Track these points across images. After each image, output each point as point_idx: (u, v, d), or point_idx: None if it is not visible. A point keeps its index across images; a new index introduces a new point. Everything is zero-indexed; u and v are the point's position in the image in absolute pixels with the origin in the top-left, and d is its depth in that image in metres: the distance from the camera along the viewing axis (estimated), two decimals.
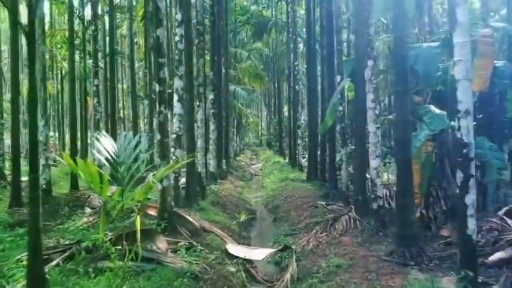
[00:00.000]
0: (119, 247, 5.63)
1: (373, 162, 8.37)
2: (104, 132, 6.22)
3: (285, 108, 39.67)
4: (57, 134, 32.28)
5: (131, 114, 19.74)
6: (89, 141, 17.66)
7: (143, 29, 21.82)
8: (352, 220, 9.31)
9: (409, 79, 6.87)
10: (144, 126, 23.14)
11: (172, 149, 8.41)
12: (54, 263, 5.25)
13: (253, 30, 29.08)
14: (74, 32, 13.76)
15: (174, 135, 8.38)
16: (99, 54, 29.36)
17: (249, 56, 28.35)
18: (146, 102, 21.87)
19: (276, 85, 37.61)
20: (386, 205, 11.79)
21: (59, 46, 30.51)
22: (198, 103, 11.55)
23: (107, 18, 21.05)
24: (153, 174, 5.24)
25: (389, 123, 9.67)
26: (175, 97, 8.46)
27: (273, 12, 32.27)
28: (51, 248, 6.02)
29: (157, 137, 7.21)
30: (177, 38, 8.66)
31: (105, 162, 5.45)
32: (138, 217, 4.99)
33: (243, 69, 27.37)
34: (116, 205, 5.07)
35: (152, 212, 7.84)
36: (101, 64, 26.14)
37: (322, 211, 10.41)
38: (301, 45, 28.31)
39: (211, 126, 14.91)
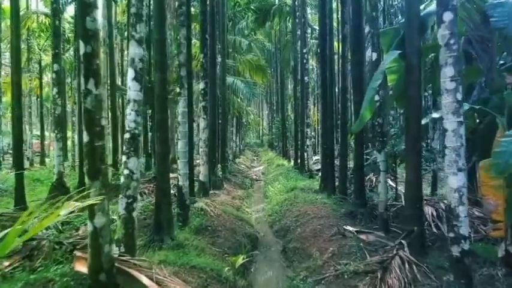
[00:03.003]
0: None
1: (453, 180, 5.08)
2: None
3: (289, 106, 36.55)
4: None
5: (109, 109, 16.45)
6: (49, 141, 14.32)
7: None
8: (407, 265, 6.07)
9: None
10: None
11: (123, 158, 5.14)
12: None
13: (255, 17, 25.72)
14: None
15: (127, 135, 5.12)
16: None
17: (249, 45, 25.04)
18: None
19: (279, 81, 34.49)
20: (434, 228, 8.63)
21: (37, 34, 27.35)
22: (178, 90, 8.29)
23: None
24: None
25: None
26: (130, 73, 5.22)
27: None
28: None
29: (85, 137, 3.93)
30: None
31: None
32: None
33: (244, 61, 24.05)
34: None
35: (82, 268, 4.56)
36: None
37: (357, 245, 7.13)
38: (308, 36, 25.17)
39: (202, 124, 11.62)
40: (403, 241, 6.71)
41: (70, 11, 26.77)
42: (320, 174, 15.61)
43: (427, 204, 7.93)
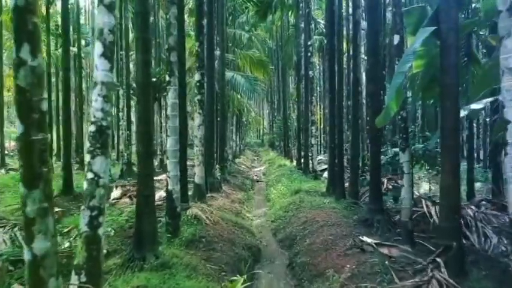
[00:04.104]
0: None
1: None
2: None
3: (291, 104, 35.40)
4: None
5: None
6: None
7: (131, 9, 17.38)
8: None
9: None
10: (120, 121, 18.64)
11: (87, 158, 3.93)
12: None
13: (256, 10, 24.46)
14: None
15: (92, 128, 3.91)
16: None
17: (250, 39, 23.79)
18: (121, 91, 17.51)
19: (280, 79, 33.30)
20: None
21: None
22: (168, 78, 7.09)
23: None
24: None
25: None
26: (98, 47, 4.02)
27: None
28: None
29: (19, 128, 2.74)
30: None
31: None
32: None
33: (244, 55, 22.80)
34: None
35: None
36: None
37: (380, 262, 5.92)
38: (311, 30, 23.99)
39: (197, 120, 10.41)
40: (438, 259, 5.52)
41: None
42: (326, 175, 14.47)
43: None
